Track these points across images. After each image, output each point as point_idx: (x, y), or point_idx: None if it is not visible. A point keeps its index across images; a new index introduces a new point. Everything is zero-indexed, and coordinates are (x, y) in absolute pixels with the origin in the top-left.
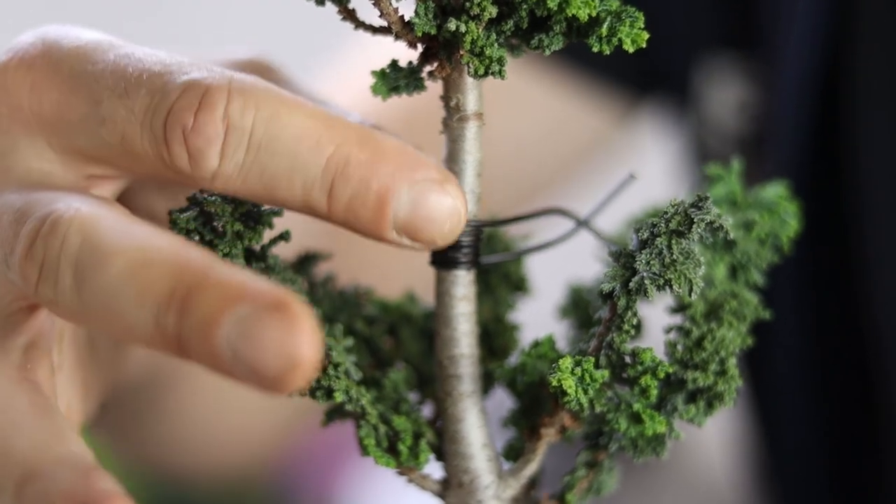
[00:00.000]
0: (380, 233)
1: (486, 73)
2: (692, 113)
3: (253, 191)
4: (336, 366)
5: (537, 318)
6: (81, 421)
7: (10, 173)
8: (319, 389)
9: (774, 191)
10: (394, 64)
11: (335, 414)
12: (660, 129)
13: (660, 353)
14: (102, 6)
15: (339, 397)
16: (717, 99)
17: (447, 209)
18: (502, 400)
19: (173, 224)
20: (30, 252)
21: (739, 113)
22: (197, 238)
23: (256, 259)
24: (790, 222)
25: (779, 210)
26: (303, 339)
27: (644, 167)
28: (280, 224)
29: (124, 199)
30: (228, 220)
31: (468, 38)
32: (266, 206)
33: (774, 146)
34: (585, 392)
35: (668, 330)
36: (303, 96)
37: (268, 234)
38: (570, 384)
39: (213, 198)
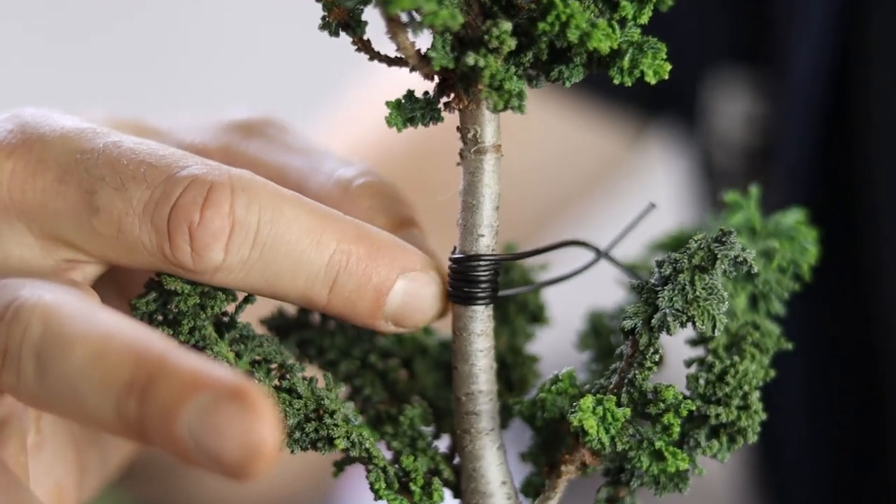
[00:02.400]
0: (372, 322)
1: (505, 108)
2: (700, 127)
3: (254, 285)
4: (332, 413)
5: (556, 348)
6: (81, 499)
7: None
8: (320, 440)
9: (793, 217)
10: (409, 95)
11: (343, 462)
12: (669, 149)
13: (679, 381)
14: (102, 6)
15: (341, 444)
16: (724, 112)
17: (431, 297)
18: (520, 429)
19: (134, 310)
20: None
21: (747, 126)
22: (160, 317)
23: (228, 328)
24: (810, 249)
25: (798, 237)
26: (263, 427)
27: (655, 188)
28: None
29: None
30: (185, 297)
31: (487, 73)
32: None
33: (781, 159)
34: (607, 431)
35: (690, 363)
36: (307, 152)
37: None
38: (591, 424)
39: (173, 278)
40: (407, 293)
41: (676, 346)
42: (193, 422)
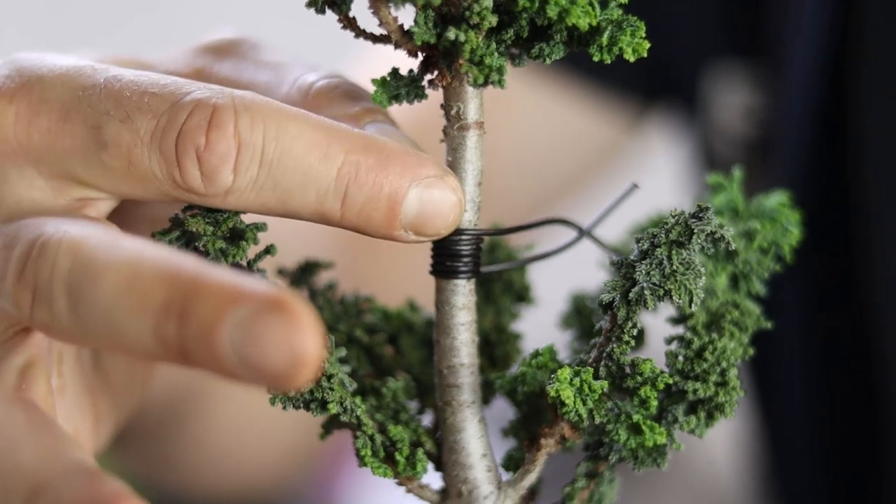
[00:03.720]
0: (390, 232)
1: (485, 82)
2: (700, 118)
3: (266, 204)
4: (329, 377)
5: (540, 328)
6: (95, 447)
7: (0, 204)
8: (314, 402)
9: (776, 199)
10: (394, 72)
11: (332, 425)
12: (668, 136)
13: (661, 363)
14: (102, 6)
15: (334, 409)
16: (724, 104)
17: (450, 203)
18: (503, 409)
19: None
20: (21, 277)
21: (746, 118)
22: None
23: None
24: (792, 231)
25: (780, 219)
26: (306, 335)
27: (653, 174)
28: (266, 238)
29: (121, 210)
30: (211, 239)
31: (467, 48)
32: (249, 223)
33: (780, 151)
34: (584, 403)
35: (670, 340)
36: (275, 65)
37: (253, 249)
38: (568, 395)
39: (195, 218)
40: (422, 200)
41: (660, 328)
42: (235, 335)
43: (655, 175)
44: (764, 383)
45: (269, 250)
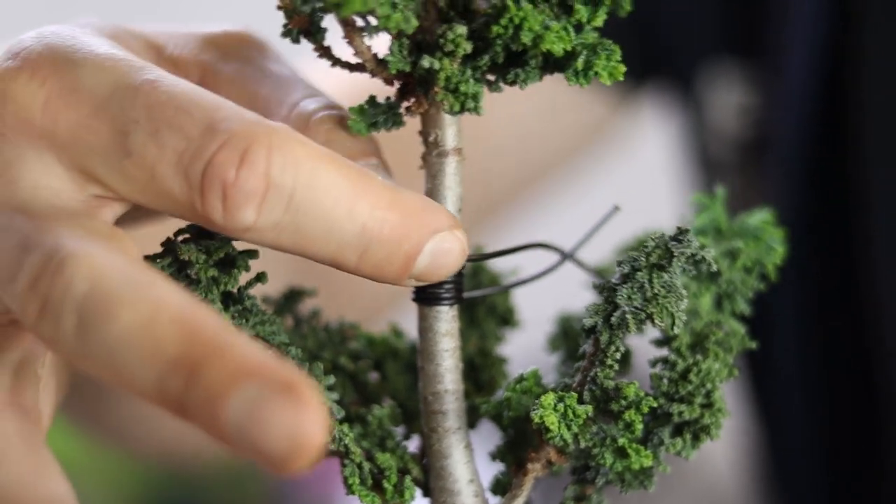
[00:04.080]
0: (399, 282)
1: (461, 110)
2: (694, 117)
3: (283, 245)
4: None
5: (528, 352)
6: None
7: (16, 185)
8: None
9: (760, 217)
10: (372, 100)
11: (319, 452)
12: (657, 118)
13: (647, 384)
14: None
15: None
16: (719, 104)
17: (458, 254)
18: (491, 431)
19: None
20: (34, 287)
21: (741, 118)
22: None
23: (234, 302)
24: (776, 249)
25: (764, 237)
26: (311, 424)
27: (642, 157)
28: (256, 265)
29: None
30: (203, 267)
31: (442, 75)
32: (241, 250)
33: (775, 151)
34: (569, 428)
35: (654, 363)
36: (279, 79)
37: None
38: (552, 420)
39: (188, 245)
40: (434, 254)
41: (647, 349)
42: (239, 411)
43: (643, 158)
44: (763, 384)
45: (259, 278)
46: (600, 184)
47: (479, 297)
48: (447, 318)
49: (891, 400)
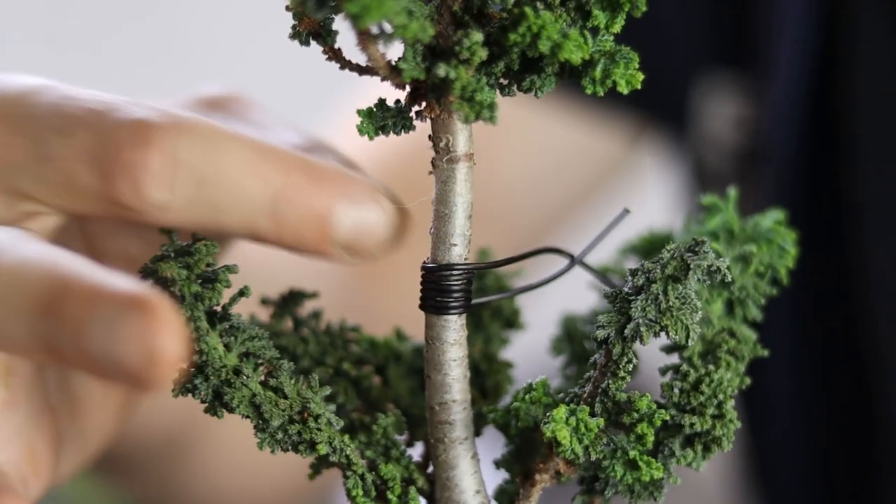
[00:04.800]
0: (323, 250)
1: (476, 119)
2: (691, 130)
3: (201, 221)
4: (316, 417)
5: (529, 352)
6: (57, 469)
7: None
8: (302, 443)
9: (771, 218)
10: (381, 103)
11: (321, 465)
12: (661, 152)
13: (652, 388)
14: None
15: (323, 449)
16: (714, 115)
17: (379, 222)
18: (495, 436)
19: None
20: None
21: (737, 129)
22: None
23: (220, 320)
24: (789, 251)
25: (776, 240)
26: (162, 334)
27: (646, 191)
28: (238, 281)
29: (96, 243)
30: (185, 283)
31: (458, 85)
32: (220, 266)
33: (767, 161)
34: (580, 441)
35: (664, 371)
36: (276, 128)
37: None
38: (564, 434)
39: (167, 263)
40: (354, 219)
41: (650, 352)
42: (100, 335)
43: (647, 190)
44: (756, 390)
45: (243, 292)
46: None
47: (483, 303)
48: (455, 328)
49: (887, 403)
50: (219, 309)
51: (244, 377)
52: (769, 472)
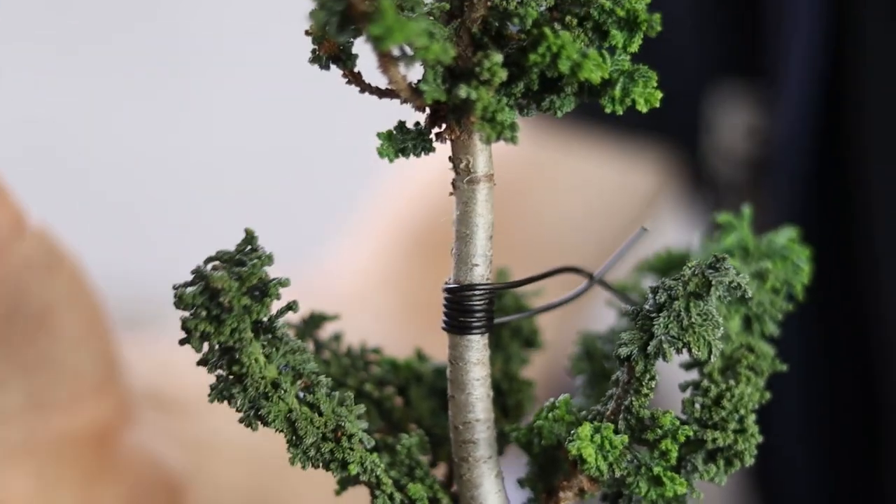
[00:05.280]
0: None
1: (498, 139)
2: (704, 140)
3: None
4: (350, 437)
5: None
6: None
7: None
8: (334, 461)
9: (786, 235)
10: (401, 125)
11: (348, 482)
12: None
13: (671, 403)
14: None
15: (354, 469)
16: (727, 125)
17: None
18: (518, 454)
19: (179, 299)
20: None
21: (749, 138)
22: (204, 313)
23: (264, 331)
24: (803, 268)
25: (791, 256)
26: None
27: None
28: (288, 294)
29: None
30: (235, 295)
31: (479, 105)
32: (272, 278)
33: (778, 170)
34: (605, 458)
35: (685, 387)
36: None
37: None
38: (589, 452)
39: (220, 273)
40: None
41: (669, 367)
42: None
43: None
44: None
45: (291, 307)
46: None
47: (505, 322)
48: (478, 347)
49: (891, 407)
50: (265, 319)
51: (282, 391)
52: (772, 470)
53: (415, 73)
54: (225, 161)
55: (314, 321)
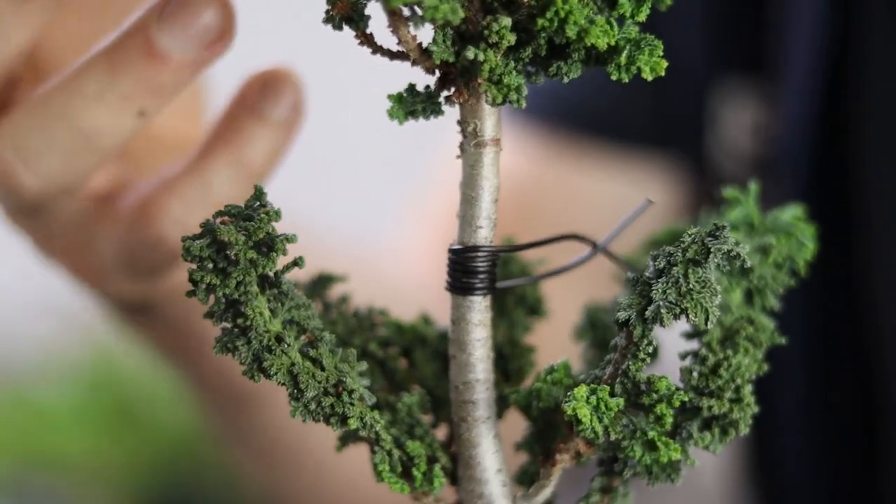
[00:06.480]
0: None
1: (504, 101)
2: (708, 136)
3: None
4: (350, 392)
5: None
6: None
7: None
8: (334, 416)
9: (791, 213)
10: (411, 88)
11: (349, 439)
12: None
13: (674, 375)
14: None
15: (354, 424)
16: (731, 122)
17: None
18: (517, 422)
19: (186, 251)
20: None
21: (753, 135)
22: (211, 265)
23: (270, 285)
24: (807, 245)
25: (796, 233)
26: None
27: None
28: (295, 250)
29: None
30: (242, 249)
31: (486, 67)
32: (279, 234)
33: (780, 166)
34: (600, 420)
35: (684, 356)
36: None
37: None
38: (584, 413)
39: (227, 227)
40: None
41: (673, 342)
42: None
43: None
44: (761, 384)
45: (297, 262)
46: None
47: (508, 288)
48: (480, 308)
49: (890, 403)
50: (271, 274)
51: (285, 345)
52: (771, 467)
53: (426, 36)
54: None
55: (322, 282)
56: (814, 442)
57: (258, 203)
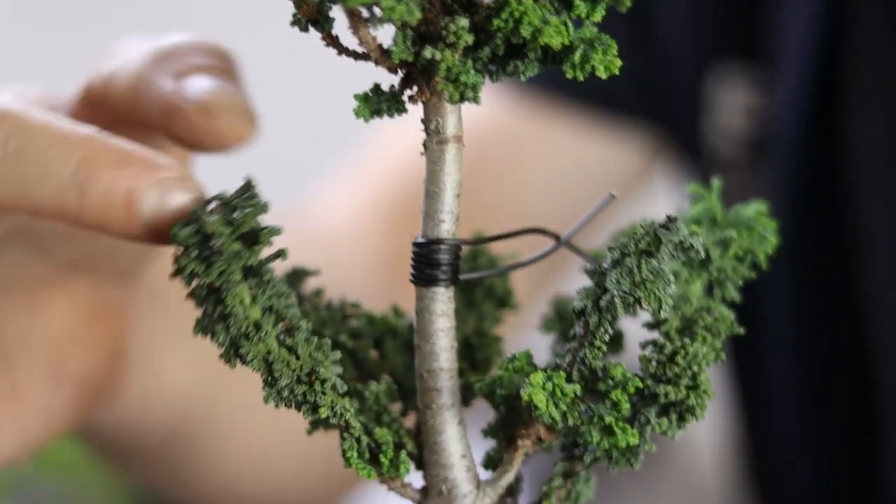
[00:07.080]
0: (130, 231)
1: (461, 99)
2: (703, 119)
3: (9, 196)
4: (323, 381)
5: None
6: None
7: None
8: (305, 404)
9: (754, 208)
10: (376, 88)
11: (319, 424)
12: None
13: (637, 365)
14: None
15: (324, 412)
16: (726, 104)
17: (187, 203)
18: (484, 411)
19: (174, 237)
20: None
21: (747, 118)
22: (196, 253)
23: (252, 274)
24: (769, 239)
25: (758, 227)
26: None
27: (657, 192)
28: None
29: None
30: (227, 240)
31: (443, 66)
32: (265, 225)
33: (776, 150)
34: (556, 406)
35: (644, 345)
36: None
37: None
38: (540, 398)
39: (213, 218)
40: (162, 201)
41: (639, 332)
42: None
43: (656, 193)
44: (756, 383)
45: (280, 254)
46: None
47: (477, 280)
48: (443, 299)
49: (883, 393)
50: (254, 264)
51: (263, 332)
52: (768, 468)
53: (388, 38)
54: None
55: (297, 275)
56: (812, 442)
57: (247, 194)
